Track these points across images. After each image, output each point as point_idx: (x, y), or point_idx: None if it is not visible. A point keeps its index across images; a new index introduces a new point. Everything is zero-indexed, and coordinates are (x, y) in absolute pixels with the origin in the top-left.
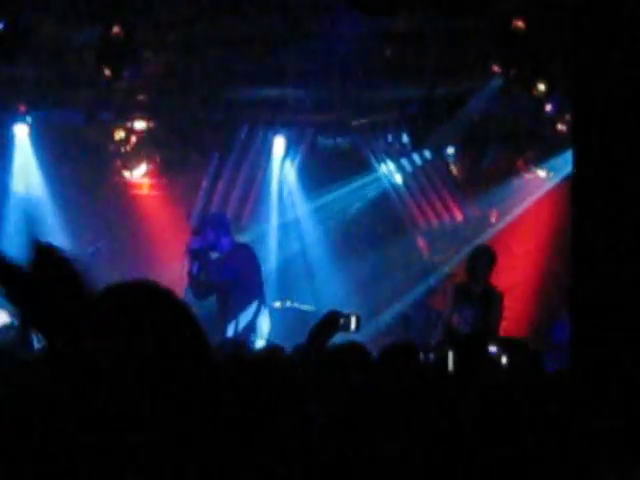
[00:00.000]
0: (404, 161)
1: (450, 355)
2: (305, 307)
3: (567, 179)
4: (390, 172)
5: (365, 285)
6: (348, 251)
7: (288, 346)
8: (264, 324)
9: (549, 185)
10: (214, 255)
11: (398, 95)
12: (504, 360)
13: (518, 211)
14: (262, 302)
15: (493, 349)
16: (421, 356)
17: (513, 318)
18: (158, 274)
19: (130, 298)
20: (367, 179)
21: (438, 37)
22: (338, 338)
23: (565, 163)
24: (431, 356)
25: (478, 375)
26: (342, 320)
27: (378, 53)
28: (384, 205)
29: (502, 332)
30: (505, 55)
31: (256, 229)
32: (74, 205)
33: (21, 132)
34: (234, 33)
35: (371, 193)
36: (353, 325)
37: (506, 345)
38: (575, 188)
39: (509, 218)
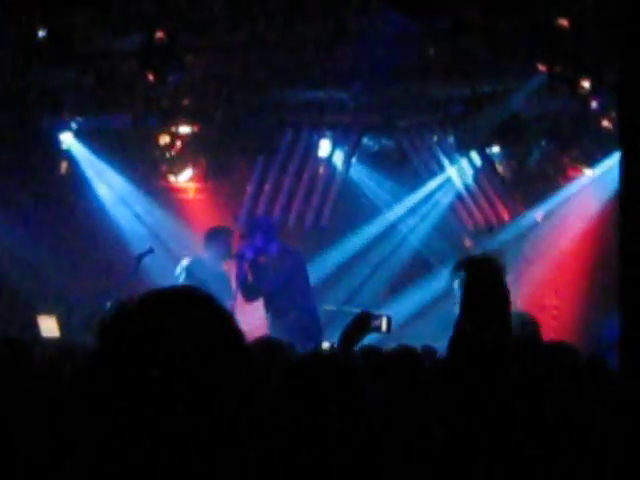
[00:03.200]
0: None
1: None
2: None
3: (614, 178)
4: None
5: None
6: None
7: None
8: (314, 328)
9: (596, 184)
10: (262, 259)
11: (443, 95)
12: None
13: (565, 211)
14: (311, 306)
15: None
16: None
17: (561, 319)
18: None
19: (173, 304)
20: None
21: (482, 35)
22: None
23: (611, 161)
24: None
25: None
26: (374, 321)
27: (422, 53)
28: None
29: (552, 333)
30: (549, 53)
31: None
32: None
33: (67, 139)
34: (276, 36)
35: (445, 199)
36: (384, 326)
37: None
38: (623, 188)
39: (556, 217)
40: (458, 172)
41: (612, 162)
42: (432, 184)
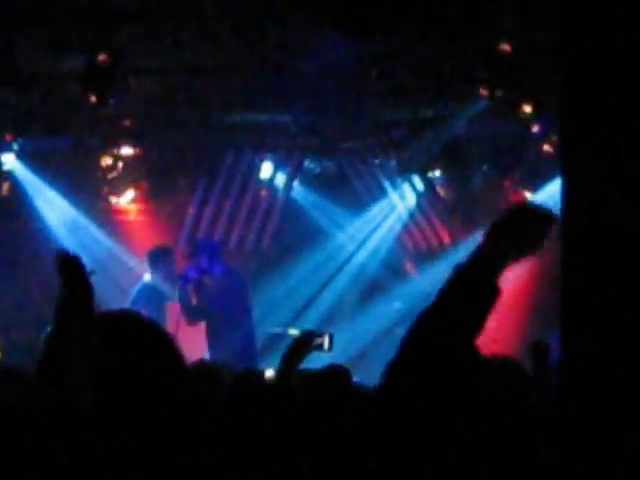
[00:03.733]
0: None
1: None
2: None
3: (555, 203)
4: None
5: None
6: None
7: None
8: (250, 350)
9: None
10: (206, 280)
11: (384, 118)
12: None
13: None
14: (249, 328)
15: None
16: None
17: (501, 341)
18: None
19: (116, 329)
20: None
21: (423, 59)
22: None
23: (552, 185)
24: None
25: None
26: (316, 340)
27: (364, 75)
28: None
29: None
30: (491, 77)
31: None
32: None
33: (9, 160)
34: (219, 59)
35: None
36: (326, 344)
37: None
38: (564, 214)
39: None
40: (400, 197)
41: (553, 187)
42: (374, 210)
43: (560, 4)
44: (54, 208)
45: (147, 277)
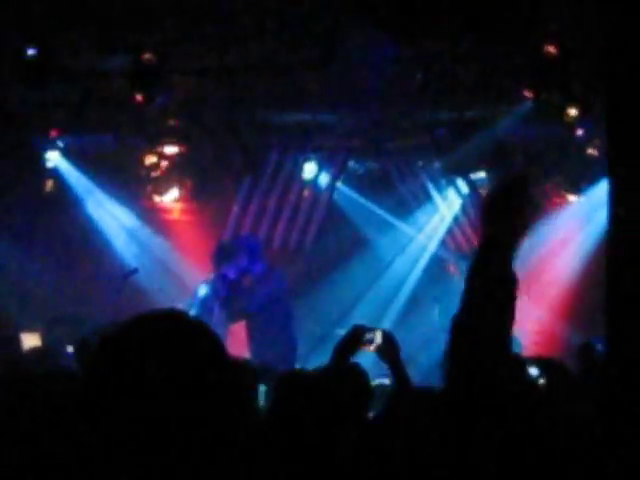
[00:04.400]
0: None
1: None
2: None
3: (602, 205)
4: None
5: None
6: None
7: None
8: (291, 350)
9: (579, 210)
10: (246, 279)
11: (429, 119)
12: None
13: (549, 237)
14: (290, 327)
15: (533, 371)
16: None
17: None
18: (188, 298)
19: (160, 329)
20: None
21: (469, 60)
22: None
23: (597, 188)
24: None
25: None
26: (367, 335)
27: (409, 76)
28: None
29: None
30: (536, 80)
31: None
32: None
33: (54, 158)
34: (265, 58)
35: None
36: (379, 339)
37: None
38: (611, 218)
39: (539, 244)
40: (443, 200)
41: (599, 189)
42: (418, 213)
43: (601, 10)
44: (99, 204)
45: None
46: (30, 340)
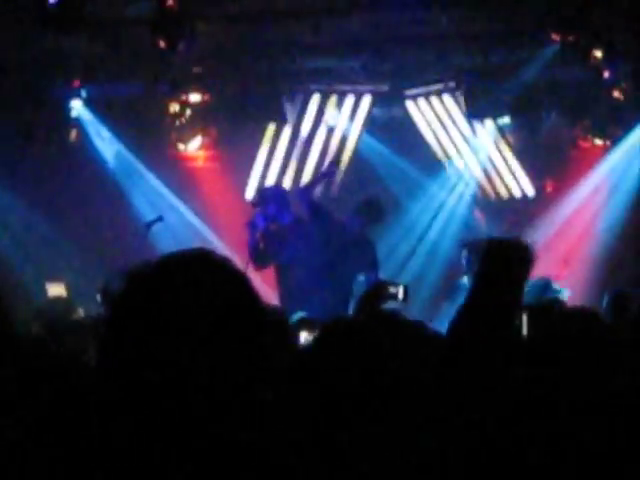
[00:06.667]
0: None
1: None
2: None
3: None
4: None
5: None
6: None
7: None
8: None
9: (607, 154)
10: (274, 227)
11: (453, 63)
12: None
13: (576, 182)
14: (324, 276)
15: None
16: None
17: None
18: (214, 244)
19: (188, 267)
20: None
21: (494, 4)
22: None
23: (624, 131)
24: None
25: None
26: (390, 289)
27: (434, 21)
28: None
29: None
30: (562, 22)
31: None
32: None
33: (77, 107)
34: (286, 4)
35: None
36: (401, 295)
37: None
38: None
39: (567, 190)
40: (471, 148)
41: (624, 132)
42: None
43: None
44: (120, 155)
45: None
46: (55, 289)
